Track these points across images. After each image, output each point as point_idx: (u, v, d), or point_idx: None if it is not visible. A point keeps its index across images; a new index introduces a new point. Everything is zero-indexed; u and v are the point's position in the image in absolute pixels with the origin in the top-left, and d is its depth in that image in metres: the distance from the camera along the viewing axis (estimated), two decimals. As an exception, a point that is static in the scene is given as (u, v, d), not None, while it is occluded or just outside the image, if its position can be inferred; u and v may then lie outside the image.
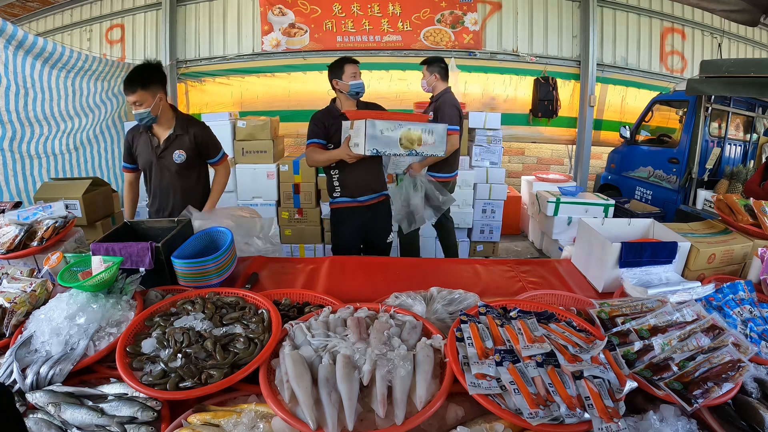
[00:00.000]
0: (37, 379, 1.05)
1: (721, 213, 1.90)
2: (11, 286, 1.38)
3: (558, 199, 4.11)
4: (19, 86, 3.05)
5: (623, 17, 5.75)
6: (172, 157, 2.19)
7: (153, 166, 2.22)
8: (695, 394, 0.93)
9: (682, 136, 4.34)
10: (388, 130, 1.92)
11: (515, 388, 0.90)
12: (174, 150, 2.19)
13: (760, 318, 1.30)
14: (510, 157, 6.25)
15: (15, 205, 2.12)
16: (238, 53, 5.75)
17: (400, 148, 1.94)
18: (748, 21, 4.32)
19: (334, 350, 1.04)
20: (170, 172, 2.23)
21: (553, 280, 1.73)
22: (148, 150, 2.21)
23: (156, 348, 1.11)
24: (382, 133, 1.90)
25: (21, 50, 2.98)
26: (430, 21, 5.59)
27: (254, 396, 1.02)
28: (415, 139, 1.94)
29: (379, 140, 1.91)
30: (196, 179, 2.32)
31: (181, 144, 2.20)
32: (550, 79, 5.65)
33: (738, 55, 5.96)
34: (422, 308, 1.26)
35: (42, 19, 5.95)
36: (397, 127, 1.94)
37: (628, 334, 1.14)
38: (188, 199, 2.21)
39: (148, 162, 2.23)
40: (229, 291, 1.38)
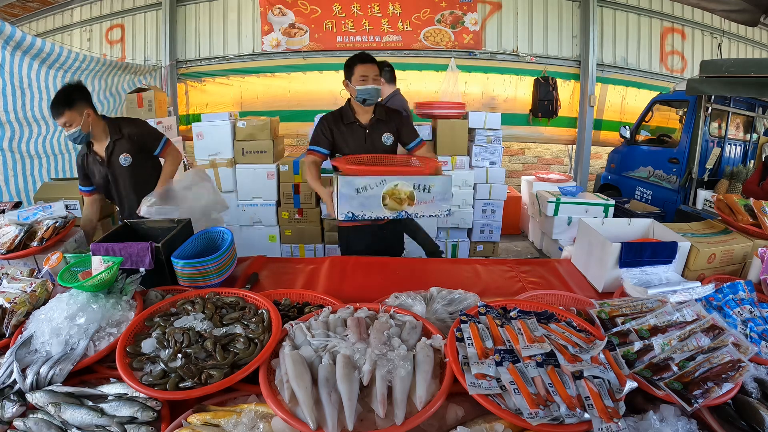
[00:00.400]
0: (37, 379, 1.05)
1: (721, 213, 1.90)
2: (11, 286, 1.38)
3: (558, 199, 4.11)
4: (15, 87, 3.05)
5: (623, 17, 5.75)
6: (119, 161, 2.20)
7: (108, 177, 2.22)
8: (695, 394, 0.93)
9: (682, 136, 4.34)
10: (368, 187, 1.55)
11: (515, 388, 0.90)
12: (118, 155, 2.19)
13: (760, 318, 1.30)
14: (510, 157, 6.25)
15: (15, 205, 2.12)
16: (238, 53, 5.75)
17: (384, 209, 1.58)
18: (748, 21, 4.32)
19: (334, 350, 1.04)
20: (123, 176, 2.22)
21: (553, 280, 1.73)
22: (97, 166, 2.22)
23: (156, 348, 1.11)
24: (358, 192, 1.55)
25: (18, 51, 2.98)
26: (430, 21, 5.59)
27: (254, 396, 1.02)
28: (405, 197, 1.59)
29: (355, 201, 1.55)
30: (150, 173, 2.28)
31: (122, 148, 2.20)
32: (550, 79, 5.65)
33: (738, 55, 5.96)
34: (422, 308, 1.26)
35: (42, 19, 5.95)
36: (380, 184, 1.56)
37: (628, 334, 1.14)
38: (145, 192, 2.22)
39: (103, 177, 2.22)
40: (229, 291, 1.38)
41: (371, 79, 2.04)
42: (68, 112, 2.01)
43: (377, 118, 2.19)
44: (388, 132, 2.20)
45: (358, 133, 2.17)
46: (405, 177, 1.58)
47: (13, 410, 0.99)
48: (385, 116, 2.22)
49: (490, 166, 4.36)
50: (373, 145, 2.17)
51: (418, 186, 1.58)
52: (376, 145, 2.17)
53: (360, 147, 2.15)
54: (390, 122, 2.22)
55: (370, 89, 2.05)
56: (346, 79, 2.12)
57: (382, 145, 2.19)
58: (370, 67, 2.05)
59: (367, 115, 2.18)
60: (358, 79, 2.05)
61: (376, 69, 2.07)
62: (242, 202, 4.14)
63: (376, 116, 2.19)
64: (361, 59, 2.07)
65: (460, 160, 4.21)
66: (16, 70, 3.04)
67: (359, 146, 2.15)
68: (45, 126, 3.45)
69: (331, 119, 2.19)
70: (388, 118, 2.22)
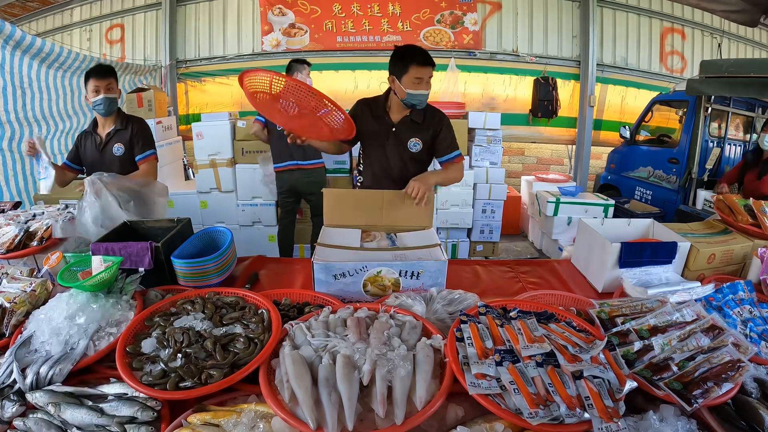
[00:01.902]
0: (37, 379, 1.05)
1: (721, 213, 1.90)
2: (11, 286, 1.38)
3: (558, 200, 4.11)
4: (16, 86, 3.05)
5: (623, 17, 5.75)
6: (113, 150, 2.28)
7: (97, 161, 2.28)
8: (695, 394, 0.93)
9: (682, 136, 4.34)
10: (348, 273, 1.41)
11: (515, 388, 0.90)
12: (114, 144, 2.27)
13: (760, 318, 1.30)
14: (510, 157, 6.25)
15: (15, 205, 2.12)
16: (238, 53, 5.75)
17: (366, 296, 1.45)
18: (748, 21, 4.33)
19: (334, 350, 1.04)
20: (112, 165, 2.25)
21: (552, 281, 1.73)
22: (92, 147, 2.29)
23: (156, 348, 1.11)
24: (336, 278, 1.41)
25: (18, 50, 2.98)
26: (429, 21, 5.59)
27: (254, 396, 1.02)
28: (389, 284, 1.43)
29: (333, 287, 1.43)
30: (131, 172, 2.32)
31: (120, 138, 2.28)
32: (550, 79, 5.65)
33: (738, 55, 5.97)
34: (422, 308, 1.26)
35: (42, 19, 5.95)
36: (360, 270, 1.41)
37: (628, 334, 1.14)
38: None
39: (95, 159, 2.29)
40: (229, 291, 1.38)
41: (425, 82, 1.81)
42: (113, 79, 2.16)
43: (411, 119, 1.94)
44: (417, 138, 1.94)
45: (383, 129, 1.96)
46: (389, 263, 1.41)
47: (12, 410, 0.99)
48: (422, 119, 1.94)
49: (490, 166, 4.37)
50: (395, 148, 1.95)
51: (405, 273, 1.41)
52: (401, 148, 1.95)
53: (380, 146, 1.97)
54: (426, 127, 1.95)
55: (423, 95, 1.82)
56: (393, 75, 1.84)
57: (407, 151, 1.95)
58: (428, 70, 1.80)
59: (400, 114, 1.95)
60: (411, 81, 1.79)
61: (432, 71, 1.83)
62: (242, 202, 4.14)
63: (411, 117, 1.94)
64: (421, 60, 1.78)
65: (460, 160, 4.21)
66: (17, 70, 3.04)
67: (380, 145, 1.97)
68: (45, 126, 3.45)
69: (364, 104, 1.99)
70: (426, 123, 1.94)
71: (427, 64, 1.80)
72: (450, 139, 1.98)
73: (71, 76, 3.61)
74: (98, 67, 2.17)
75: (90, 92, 2.14)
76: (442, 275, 1.44)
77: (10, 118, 3.06)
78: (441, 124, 1.96)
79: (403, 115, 1.94)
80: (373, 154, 2.03)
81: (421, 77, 1.78)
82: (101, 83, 2.12)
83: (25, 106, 3.18)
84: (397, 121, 1.95)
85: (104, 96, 2.13)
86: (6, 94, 3.00)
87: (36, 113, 3.30)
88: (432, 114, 1.97)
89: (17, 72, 3.04)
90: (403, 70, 1.80)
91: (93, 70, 2.14)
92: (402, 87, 1.81)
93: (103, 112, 2.19)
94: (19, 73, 3.06)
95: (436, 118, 1.96)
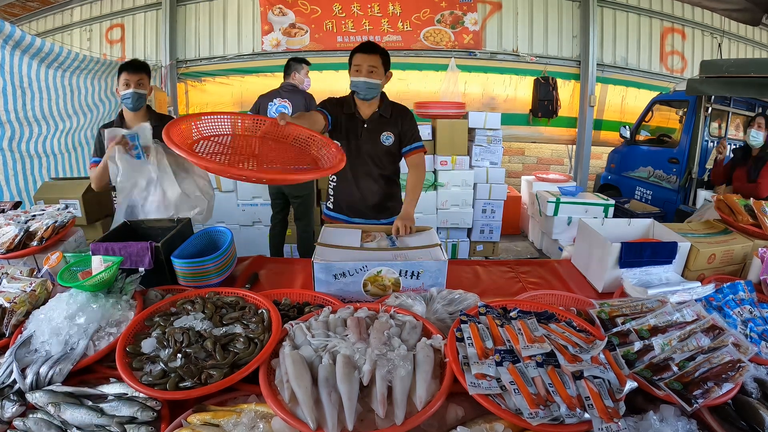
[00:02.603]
0: (37, 379, 1.05)
1: (721, 213, 1.90)
2: (11, 286, 1.38)
3: (558, 199, 4.11)
4: (15, 86, 3.05)
5: (623, 17, 5.75)
6: None
7: None
8: (695, 395, 0.93)
9: (682, 136, 4.35)
10: (348, 273, 1.40)
11: (515, 388, 0.90)
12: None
13: (760, 318, 1.30)
14: (510, 157, 6.25)
15: (15, 205, 2.12)
16: (238, 53, 5.75)
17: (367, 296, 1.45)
18: (750, 20, 4.32)
19: (334, 350, 1.04)
20: None
21: (553, 281, 1.73)
22: None
23: (156, 348, 1.11)
24: (336, 278, 1.41)
25: (18, 50, 2.98)
26: (429, 21, 5.60)
27: (254, 396, 1.02)
28: (389, 284, 1.43)
29: (333, 287, 1.42)
30: None
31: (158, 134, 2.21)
32: (550, 79, 5.65)
33: (738, 55, 5.97)
34: (422, 308, 1.26)
35: (42, 19, 5.95)
36: (360, 270, 1.41)
37: (628, 334, 1.14)
38: None
39: None
40: (229, 291, 1.38)
41: (365, 70, 1.89)
42: (145, 74, 2.11)
43: (380, 114, 2.03)
44: (389, 131, 2.05)
45: (356, 126, 2.03)
46: (390, 263, 1.41)
47: (12, 410, 0.99)
48: (390, 114, 2.05)
49: (490, 166, 4.37)
50: (370, 143, 2.04)
51: (405, 273, 1.42)
52: (374, 143, 2.04)
53: (354, 142, 2.02)
54: (394, 121, 2.06)
55: (359, 82, 1.91)
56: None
57: (381, 145, 2.05)
58: (364, 57, 1.89)
59: (369, 110, 2.03)
60: (353, 69, 1.93)
61: (373, 59, 1.90)
62: (242, 202, 4.14)
63: (380, 112, 2.03)
64: (359, 48, 1.92)
65: (460, 160, 4.21)
66: (17, 70, 3.04)
67: (353, 141, 2.02)
68: (45, 126, 3.45)
69: (334, 102, 2.05)
70: (394, 117, 2.06)
71: (363, 50, 1.90)
72: (415, 131, 2.10)
73: (71, 75, 3.61)
74: (132, 62, 2.14)
75: (120, 85, 2.10)
76: (442, 275, 1.44)
77: (10, 117, 3.05)
78: (407, 117, 2.10)
79: (373, 111, 2.03)
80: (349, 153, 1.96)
81: (359, 64, 1.89)
82: (132, 77, 2.08)
83: (25, 106, 3.18)
84: (367, 117, 2.03)
85: (133, 91, 2.08)
86: (6, 94, 2.99)
87: (36, 113, 3.30)
88: (397, 108, 2.10)
89: (17, 72, 3.04)
90: (350, 61, 1.95)
91: (126, 64, 2.11)
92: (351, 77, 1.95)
93: (131, 106, 2.13)
94: (18, 73, 3.06)
95: (403, 112, 2.10)
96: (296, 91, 3.53)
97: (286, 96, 3.50)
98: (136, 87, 2.08)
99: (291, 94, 3.50)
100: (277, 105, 3.49)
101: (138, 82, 2.09)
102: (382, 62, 1.93)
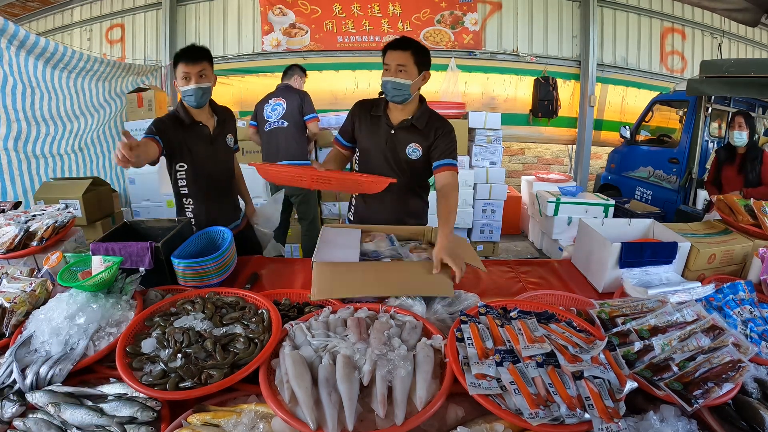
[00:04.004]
0: (37, 379, 1.05)
1: (721, 213, 1.89)
2: (11, 286, 1.38)
3: (558, 199, 4.11)
4: (25, 85, 3.02)
5: (623, 17, 5.75)
6: (227, 141, 2.05)
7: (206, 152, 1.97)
8: (695, 395, 0.93)
9: (682, 136, 4.35)
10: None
11: (515, 388, 0.90)
12: (225, 135, 2.05)
13: (761, 318, 1.30)
14: (510, 157, 6.25)
15: (15, 205, 2.12)
16: (238, 53, 5.75)
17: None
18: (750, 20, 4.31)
19: (334, 350, 1.04)
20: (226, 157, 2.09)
21: (553, 281, 1.73)
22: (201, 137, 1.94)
23: (156, 348, 1.11)
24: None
25: (23, 50, 2.97)
26: (429, 21, 5.60)
27: (254, 396, 1.02)
28: None
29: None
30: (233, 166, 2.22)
31: (229, 129, 2.09)
32: (550, 79, 5.65)
33: (738, 55, 5.97)
34: (422, 308, 1.26)
35: (42, 19, 5.95)
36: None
37: (629, 335, 1.14)
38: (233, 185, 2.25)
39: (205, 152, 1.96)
40: (229, 291, 1.38)
41: (393, 68, 1.68)
42: (207, 64, 1.84)
43: (412, 123, 1.79)
44: (417, 144, 1.80)
45: (382, 131, 1.82)
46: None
47: (12, 410, 0.99)
48: (425, 124, 1.80)
49: (490, 166, 4.37)
50: (393, 151, 1.83)
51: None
52: (397, 152, 1.82)
53: (377, 148, 1.84)
54: (427, 133, 1.80)
55: (386, 82, 1.70)
56: None
57: (405, 156, 1.82)
58: (394, 54, 1.68)
59: (401, 115, 1.81)
60: (383, 68, 1.72)
61: (403, 57, 1.67)
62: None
63: (412, 121, 1.79)
64: (390, 44, 1.71)
65: (460, 160, 4.20)
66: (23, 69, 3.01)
67: (377, 147, 1.84)
68: (53, 126, 3.42)
69: (359, 106, 1.88)
70: (428, 128, 1.80)
71: (393, 48, 1.69)
72: (448, 146, 1.81)
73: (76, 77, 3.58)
74: (190, 50, 1.81)
75: (179, 79, 1.81)
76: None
77: (18, 116, 3.01)
78: (442, 130, 1.81)
79: (404, 117, 1.81)
80: (371, 160, 1.88)
81: (389, 63, 1.69)
82: (192, 69, 1.77)
83: (34, 105, 3.14)
84: (395, 123, 1.82)
85: (196, 86, 1.79)
86: (15, 92, 2.94)
87: (44, 113, 3.27)
88: (435, 120, 1.83)
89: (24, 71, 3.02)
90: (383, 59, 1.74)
91: (183, 53, 1.80)
92: None
93: (195, 103, 1.85)
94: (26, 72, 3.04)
95: (438, 125, 1.82)
96: (291, 90, 3.54)
97: (280, 95, 3.51)
98: (197, 80, 1.78)
99: (286, 92, 3.51)
100: (273, 104, 3.50)
101: (200, 73, 1.79)
102: (414, 60, 1.68)
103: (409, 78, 1.69)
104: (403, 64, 1.67)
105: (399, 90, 1.70)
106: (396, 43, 1.70)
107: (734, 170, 3.29)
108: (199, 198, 2.02)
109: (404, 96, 1.73)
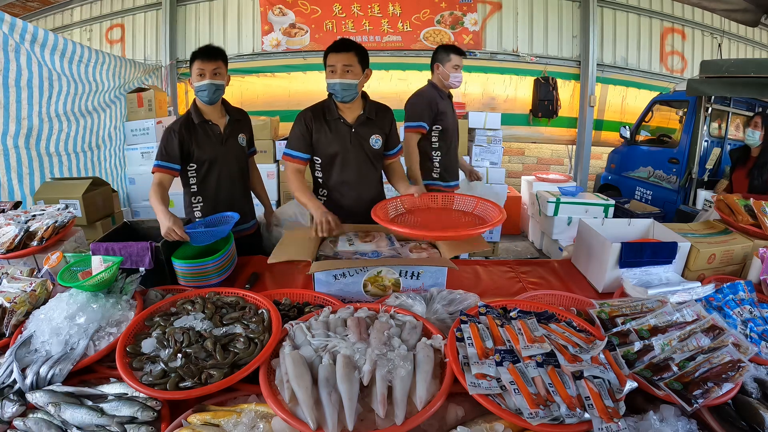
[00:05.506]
0: (37, 379, 1.05)
1: (721, 213, 1.89)
2: (11, 286, 1.38)
3: (558, 200, 4.11)
4: (43, 78, 2.98)
5: (623, 17, 5.75)
6: (238, 140, 2.06)
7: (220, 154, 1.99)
8: (695, 395, 0.93)
9: (682, 136, 4.34)
10: (347, 274, 1.40)
11: (515, 388, 0.90)
12: (236, 134, 2.05)
13: (760, 318, 1.30)
14: (510, 157, 6.25)
15: (15, 205, 2.12)
16: (238, 53, 5.75)
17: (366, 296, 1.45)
18: (749, 21, 4.32)
19: (335, 350, 1.04)
20: (237, 156, 2.07)
21: (553, 281, 1.73)
22: (210, 137, 1.96)
23: (156, 348, 1.11)
24: (336, 279, 1.41)
25: (36, 44, 2.96)
26: (429, 22, 5.60)
27: (254, 396, 1.02)
28: (389, 284, 1.43)
29: (333, 287, 1.42)
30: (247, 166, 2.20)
31: (240, 128, 2.08)
32: (550, 79, 5.65)
33: (738, 55, 5.97)
34: (422, 308, 1.26)
35: (42, 19, 5.95)
36: (360, 271, 1.41)
37: (628, 335, 1.14)
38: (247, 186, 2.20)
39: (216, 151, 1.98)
40: (229, 291, 1.38)
41: (340, 70, 1.76)
42: (222, 63, 1.90)
43: (366, 116, 1.90)
44: (377, 134, 1.93)
45: (343, 132, 1.88)
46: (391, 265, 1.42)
47: (12, 410, 0.99)
48: (375, 115, 1.93)
49: (490, 166, 4.37)
50: (359, 148, 1.91)
51: (404, 273, 1.42)
52: (364, 147, 1.92)
53: (344, 149, 1.89)
54: (381, 122, 1.94)
55: (334, 83, 1.78)
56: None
57: (370, 149, 1.93)
58: (338, 56, 1.76)
59: (354, 113, 1.90)
60: (327, 71, 1.81)
61: (347, 58, 1.76)
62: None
63: (366, 114, 1.90)
64: (332, 46, 1.79)
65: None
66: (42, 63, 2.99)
67: (343, 148, 1.89)
68: (66, 122, 3.39)
69: (310, 114, 1.89)
70: (379, 118, 1.94)
71: (336, 50, 1.77)
72: (397, 132, 2.03)
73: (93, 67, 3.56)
74: (206, 48, 1.90)
75: (194, 75, 1.88)
76: (442, 275, 1.44)
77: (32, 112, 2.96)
78: (391, 116, 1.99)
79: (357, 113, 1.90)
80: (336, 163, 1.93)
81: (334, 64, 1.77)
82: (207, 66, 1.85)
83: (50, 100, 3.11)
84: (352, 121, 1.89)
85: (209, 82, 1.85)
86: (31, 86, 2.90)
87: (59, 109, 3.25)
88: (382, 109, 1.98)
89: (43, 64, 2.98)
90: (324, 62, 1.83)
91: (200, 51, 1.89)
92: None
93: (207, 99, 1.90)
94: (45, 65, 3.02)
95: (386, 112, 1.99)
96: None
97: None
98: (212, 77, 1.85)
99: None
100: None
101: (214, 71, 1.86)
102: (358, 60, 1.79)
103: (356, 77, 1.80)
104: (349, 65, 1.77)
105: (348, 90, 1.80)
106: (340, 45, 1.79)
107: (744, 173, 3.28)
108: (208, 197, 2.03)
109: (353, 94, 1.84)
